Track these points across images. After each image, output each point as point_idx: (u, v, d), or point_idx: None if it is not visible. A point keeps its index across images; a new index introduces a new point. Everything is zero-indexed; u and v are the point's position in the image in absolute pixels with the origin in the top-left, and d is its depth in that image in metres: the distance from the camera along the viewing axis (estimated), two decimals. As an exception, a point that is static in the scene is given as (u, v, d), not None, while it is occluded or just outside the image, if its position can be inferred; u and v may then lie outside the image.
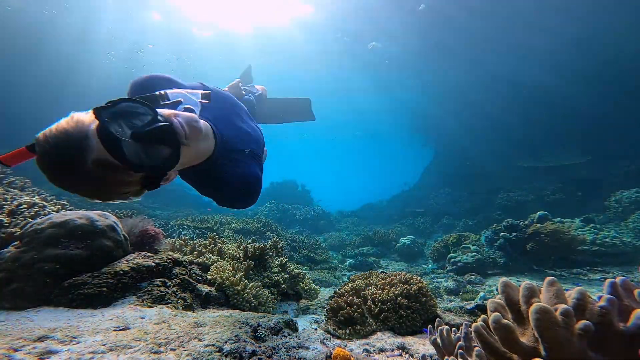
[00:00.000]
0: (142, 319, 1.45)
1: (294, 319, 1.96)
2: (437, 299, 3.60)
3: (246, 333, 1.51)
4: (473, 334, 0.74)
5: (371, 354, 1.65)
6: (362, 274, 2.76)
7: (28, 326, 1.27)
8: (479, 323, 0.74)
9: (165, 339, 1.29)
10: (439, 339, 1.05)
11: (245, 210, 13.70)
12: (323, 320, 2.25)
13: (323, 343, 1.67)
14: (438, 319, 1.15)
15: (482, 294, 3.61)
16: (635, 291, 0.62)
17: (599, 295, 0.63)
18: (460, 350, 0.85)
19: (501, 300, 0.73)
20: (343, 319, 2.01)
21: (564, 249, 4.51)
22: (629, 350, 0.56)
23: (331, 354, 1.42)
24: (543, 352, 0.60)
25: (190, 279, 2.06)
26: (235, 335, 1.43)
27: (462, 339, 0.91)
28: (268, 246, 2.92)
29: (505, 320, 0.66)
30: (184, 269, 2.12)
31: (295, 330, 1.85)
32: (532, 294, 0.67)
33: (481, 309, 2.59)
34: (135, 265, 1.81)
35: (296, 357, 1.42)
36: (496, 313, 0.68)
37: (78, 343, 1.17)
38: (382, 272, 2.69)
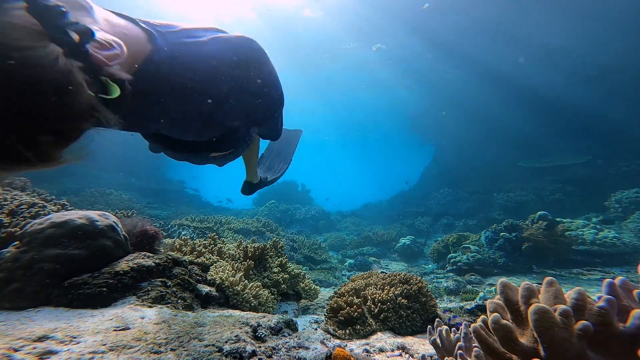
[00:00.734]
0: (142, 319, 1.45)
1: (294, 319, 1.96)
2: (437, 299, 3.60)
3: (246, 333, 1.51)
4: (472, 335, 0.74)
5: (371, 354, 1.66)
6: (362, 274, 2.76)
7: (28, 326, 1.27)
8: (479, 323, 0.74)
9: (165, 339, 1.29)
10: (438, 339, 1.06)
11: (245, 210, 13.71)
12: (323, 320, 2.25)
13: (323, 343, 1.67)
14: (438, 319, 1.15)
15: (482, 294, 3.62)
16: (635, 291, 0.62)
17: (598, 296, 0.63)
18: (460, 351, 0.85)
19: (500, 301, 0.73)
20: (343, 319, 2.02)
21: (561, 252, 4.52)
22: (628, 351, 0.56)
23: (331, 354, 1.42)
24: (542, 353, 0.60)
25: (190, 279, 2.06)
26: (235, 335, 1.43)
27: (462, 339, 0.92)
28: (268, 246, 2.92)
29: (504, 321, 0.66)
30: (184, 269, 2.12)
31: (295, 330, 1.85)
32: (531, 294, 0.67)
33: (481, 309, 2.60)
34: (135, 265, 1.81)
35: (296, 357, 1.42)
36: (495, 313, 0.68)
37: (78, 343, 1.17)
38: (382, 272, 2.69)
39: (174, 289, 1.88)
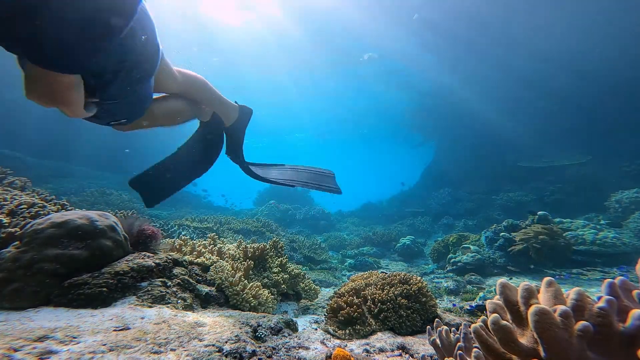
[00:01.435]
0: (142, 319, 1.45)
1: (294, 319, 1.96)
2: (437, 299, 3.60)
3: (246, 333, 1.51)
4: (472, 335, 0.74)
5: (371, 354, 1.66)
6: (362, 274, 2.76)
7: (28, 326, 1.27)
8: (478, 324, 0.74)
9: (165, 339, 1.29)
10: (438, 340, 1.06)
11: (244, 210, 13.70)
12: (323, 320, 2.25)
13: (323, 343, 1.67)
14: (437, 319, 1.15)
15: (482, 294, 3.62)
16: (634, 291, 0.62)
17: (598, 296, 0.63)
18: (460, 351, 0.85)
19: (500, 301, 0.73)
20: (343, 319, 2.02)
21: (558, 253, 4.51)
22: (628, 351, 0.56)
23: (331, 354, 1.42)
24: (542, 353, 0.60)
25: (190, 279, 2.06)
26: (235, 335, 1.43)
27: (462, 340, 0.92)
28: (268, 246, 2.92)
29: (504, 321, 0.66)
30: (184, 269, 2.12)
31: (295, 330, 1.85)
32: (531, 294, 0.67)
33: (481, 309, 2.60)
34: (135, 265, 1.81)
35: (296, 357, 1.42)
36: (495, 314, 0.68)
37: (78, 343, 1.17)
38: (382, 272, 2.69)
39: (174, 289, 1.88)
